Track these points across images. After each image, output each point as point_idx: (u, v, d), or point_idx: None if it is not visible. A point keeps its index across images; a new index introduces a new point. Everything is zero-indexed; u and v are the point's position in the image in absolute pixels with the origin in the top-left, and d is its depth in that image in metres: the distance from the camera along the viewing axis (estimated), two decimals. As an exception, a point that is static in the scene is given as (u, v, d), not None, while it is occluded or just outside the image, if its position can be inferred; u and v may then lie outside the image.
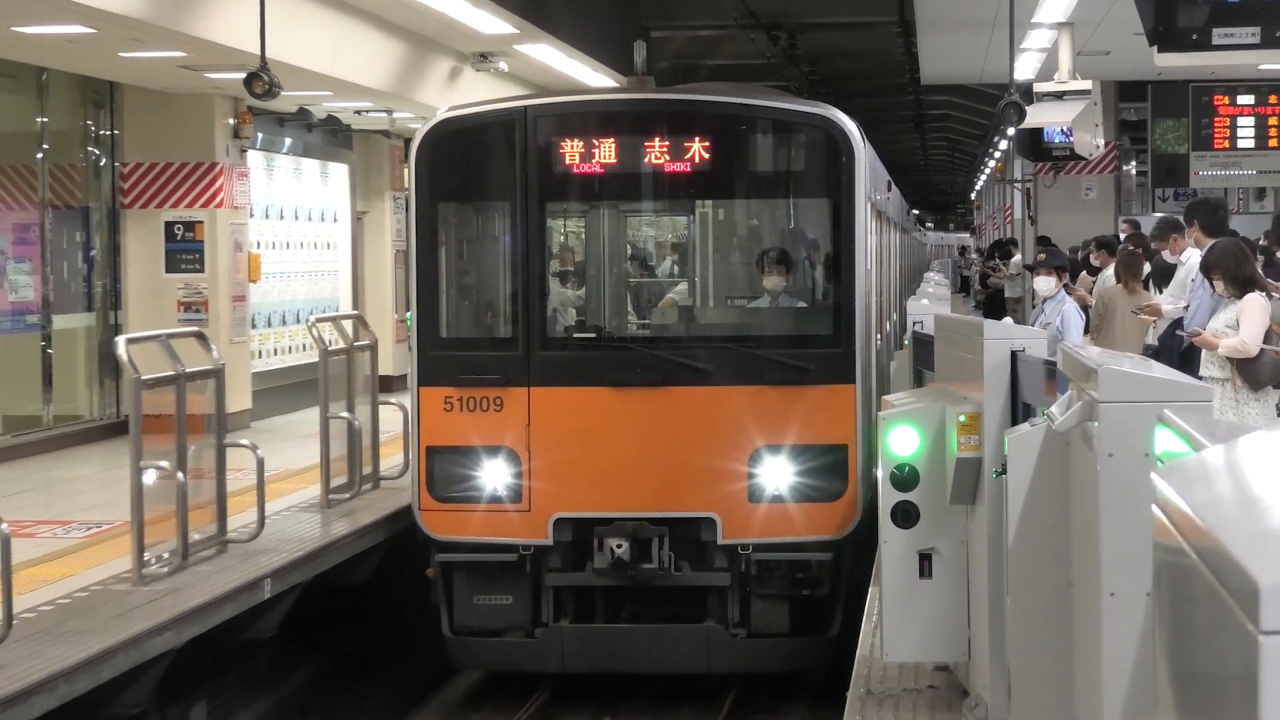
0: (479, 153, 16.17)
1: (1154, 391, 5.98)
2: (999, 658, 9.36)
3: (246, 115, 26.62)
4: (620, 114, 16.45)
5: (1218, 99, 29.35)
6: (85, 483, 20.91)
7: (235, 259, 26.74)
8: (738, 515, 15.26)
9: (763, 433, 15.31)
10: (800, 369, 15.39)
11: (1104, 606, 5.90)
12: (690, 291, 18.02)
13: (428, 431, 15.63)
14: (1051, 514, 7.12)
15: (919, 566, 10.91)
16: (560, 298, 17.05)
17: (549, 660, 15.36)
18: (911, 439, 10.85)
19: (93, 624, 13.22)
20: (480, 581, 15.39)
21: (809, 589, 15.41)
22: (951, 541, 10.80)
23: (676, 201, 17.52)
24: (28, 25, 19.04)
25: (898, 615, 10.95)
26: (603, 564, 14.91)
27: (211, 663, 14.72)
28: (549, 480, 15.32)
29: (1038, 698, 7.17)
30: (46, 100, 25.20)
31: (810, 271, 17.05)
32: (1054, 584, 7.00)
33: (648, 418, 15.40)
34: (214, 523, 15.94)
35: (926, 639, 10.95)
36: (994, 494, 9.65)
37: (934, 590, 10.88)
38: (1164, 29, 11.05)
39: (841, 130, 15.72)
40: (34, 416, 24.79)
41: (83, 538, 16.94)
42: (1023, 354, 10.26)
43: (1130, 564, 5.77)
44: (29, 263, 24.69)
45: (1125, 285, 20.11)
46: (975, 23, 24.89)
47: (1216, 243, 15.64)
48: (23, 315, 24.54)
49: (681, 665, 15.48)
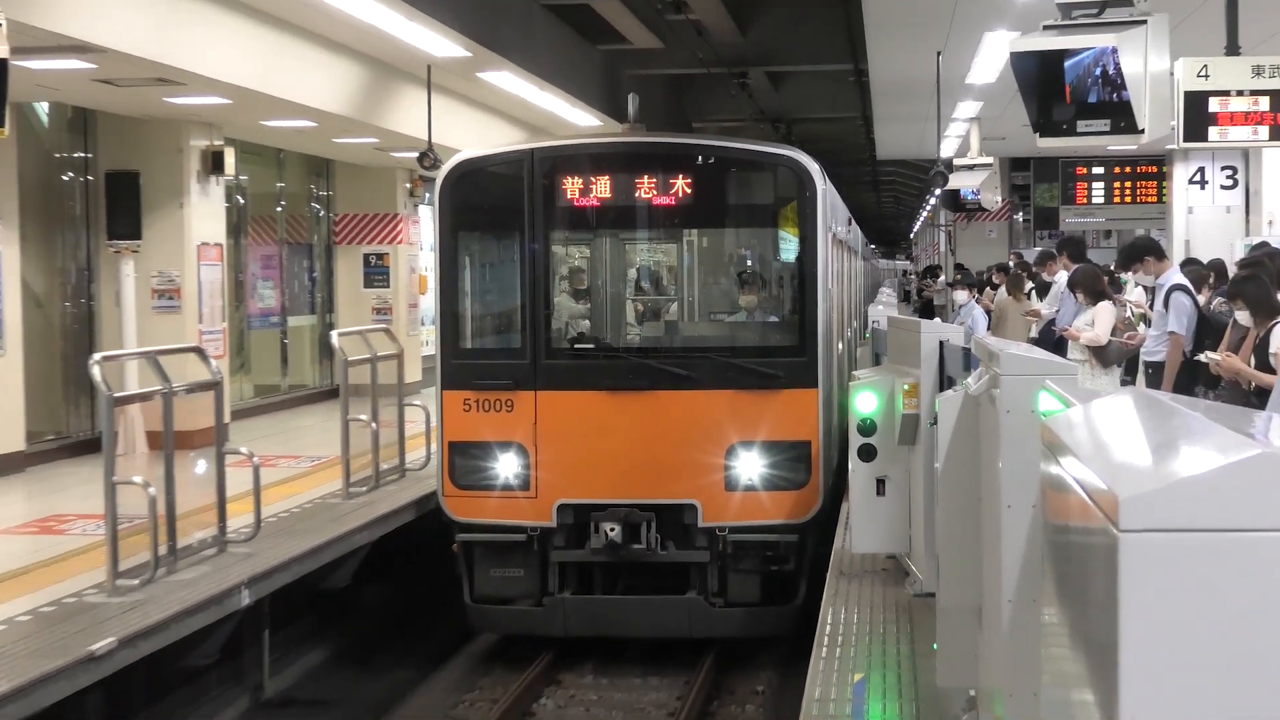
0: (493, 189, 13.93)
1: (1038, 368, 5.96)
2: (931, 549, 9.32)
3: (418, 181, 26.89)
4: (613, 155, 14.05)
5: (1079, 169, 29.29)
6: (309, 430, 20.93)
7: (410, 279, 27.26)
8: (716, 502, 13.16)
9: (737, 430, 13.19)
10: (770, 376, 13.20)
11: (1003, 514, 5.86)
12: (674, 308, 15.82)
13: (449, 429, 13.51)
14: (967, 451, 7.07)
15: (876, 488, 10.86)
16: (571, 311, 14.74)
17: (553, 626, 13.35)
18: (872, 401, 10.81)
19: (314, 525, 13.26)
20: (496, 557, 13.43)
21: (777, 565, 13.34)
22: (899, 471, 10.75)
23: (663, 230, 14.87)
24: (272, 120, 19.10)
25: (861, 521, 10.91)
26: (598, 544, 12.96)
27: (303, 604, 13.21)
28: (553, 471, 13.24)
29: (956, 576, 7.12)
30: (283, 170, 25.44)
31: (779, 291, 14.57)
32: (968, 499, 6.94)
33: (638, 417, 13.25)
34: (396, 458, 15.99)
35: (881, 537, 10.90)
36: (928, 438, 9.60)
37: (886, 504, 10.83)
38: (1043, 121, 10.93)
39: (805, 169, 13.52)
40: (274, 385, 24.96)
41: (308, 467, 16.93)
42: (947, 343, 10.22)
43: (1021, 485, 5.73)
44: (271, 281, 24.95)
45: (1014, 296, 20.03)
46: (914, 118, 24.83)
47: (1079, 267, 15.61)
48: (267, 317, 24.72)
49: (666, 631, 13.44)
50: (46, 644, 9.29)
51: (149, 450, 16.73)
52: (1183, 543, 2.34)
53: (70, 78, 14.89)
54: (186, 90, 16.15)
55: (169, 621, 10.10)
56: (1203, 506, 2.34)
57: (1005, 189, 34.50)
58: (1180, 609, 2.34)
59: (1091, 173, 29.26)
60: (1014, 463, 5.69)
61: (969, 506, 6.82)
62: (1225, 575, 2.33)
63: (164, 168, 19.11)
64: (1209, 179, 22.72)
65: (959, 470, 7.10)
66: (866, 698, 8.30)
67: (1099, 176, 29.25)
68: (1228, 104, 12.30)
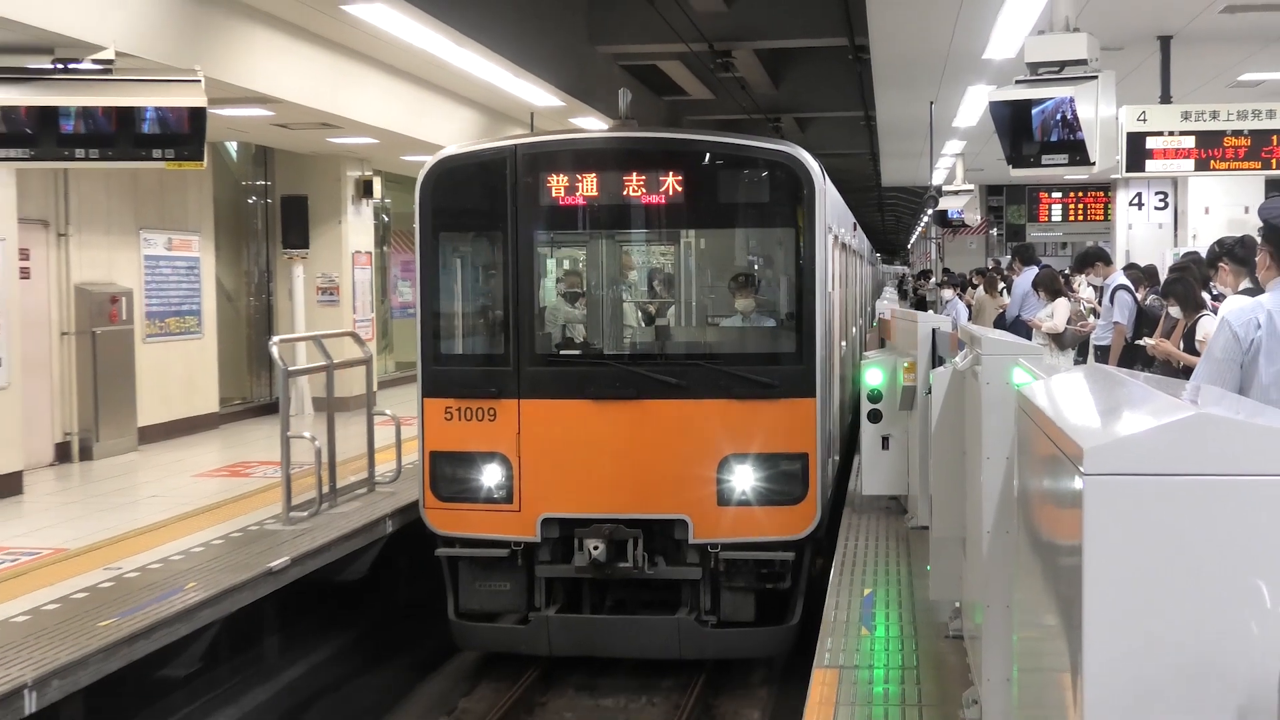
0: (475, 187, 10.54)
1: (1013, 349, 5.91)
2: (925, 490, 9.25)
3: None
4: (600, 151, 10.49)
5: (1041, 194, 29.09)
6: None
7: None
8: (708, 517, 9.89)
9: (730, 442, 9.90)
10: (765, 384, 9.90)
11: (983, 464, 5.81)
12: (664, 312, 11.77)
13: (430, 438, 10.41)
14: (954, 415, 7.01)
15: (881, 443, 10.81)
16: (566, 315, 11.23)
17: (537, 645, 10.17)
18: (879, 375, 10.75)
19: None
20: (481, 572, 10.30)
21: (773, 583, 10.10)
22: (899, 430, 10.69)
23: (653, 231, 11.08)
24: (409, 155, 19.10)
25: (870, 469, 10.86)
26: (582, 562, 9.83)
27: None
28: (537, 483, 10.04)
29: (945, 512, 7.07)
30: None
31: (775, 295, 10.90)
32: (955, 452, 6.89)
33: (626, 428, 9.97)
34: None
35: (885, 481, 10.84)
36: (923, 405, 9.53)
37: (890, 456, 10.77)
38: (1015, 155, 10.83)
39: (803, 165, 10.08)
40: (411, 362, 24.79)
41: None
42: (938, 330, 10.16)
43: (998, 441, 5.68)
44: (408, 281, 24.89)
45: (990, 294, 19.92)
46: (911, 153, 24.65)
47: (1041, 271, 15.54)
48: (406, 309, 24.62)
49: (655, 652, 10.21)
50: (235, 562, 9.37)
51: (314, 412, 16.85)
52: (1134, 484, 2.32)
53: (254, 122, 14.98)
54: (345, 132, 16.23)
55: (330, 545, 10.17)
56: (1150, 455, 2.32)
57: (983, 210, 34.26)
58: (1133, 536, 2.32)
59: (1051, 196, 29.11)
60: (992, 423, 5.65)
61: (955, 458, 6.77)
62: (1167, 509, 2.32)
63: (326, 193, 19.34)
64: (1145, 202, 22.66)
65: (948, 429, 7.05)
66: (874, 608, 8.27)
67: (1058, 200, 29.10)
68: (1161, 142, 12.25)
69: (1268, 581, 2.25)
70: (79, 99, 9.69)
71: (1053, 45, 10.16)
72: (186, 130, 9.83)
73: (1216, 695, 2.26)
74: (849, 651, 7.36)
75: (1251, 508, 2.25)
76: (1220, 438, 2.31)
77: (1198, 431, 2.33)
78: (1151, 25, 12.51)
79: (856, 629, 7.79)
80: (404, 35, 12.99)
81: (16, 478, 12.18)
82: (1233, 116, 12.15)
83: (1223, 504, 2.27)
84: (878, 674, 6.96)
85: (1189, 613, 2.29)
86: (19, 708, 6.70)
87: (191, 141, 9.87)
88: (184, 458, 14.53)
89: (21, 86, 9.69)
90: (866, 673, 6.98)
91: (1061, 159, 10.43)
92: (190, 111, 9.80)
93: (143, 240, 15.59)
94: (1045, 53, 10.21)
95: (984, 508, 5.75)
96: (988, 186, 33.26)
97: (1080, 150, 10.21)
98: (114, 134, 9.75)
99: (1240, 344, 5.33)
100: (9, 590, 8.58)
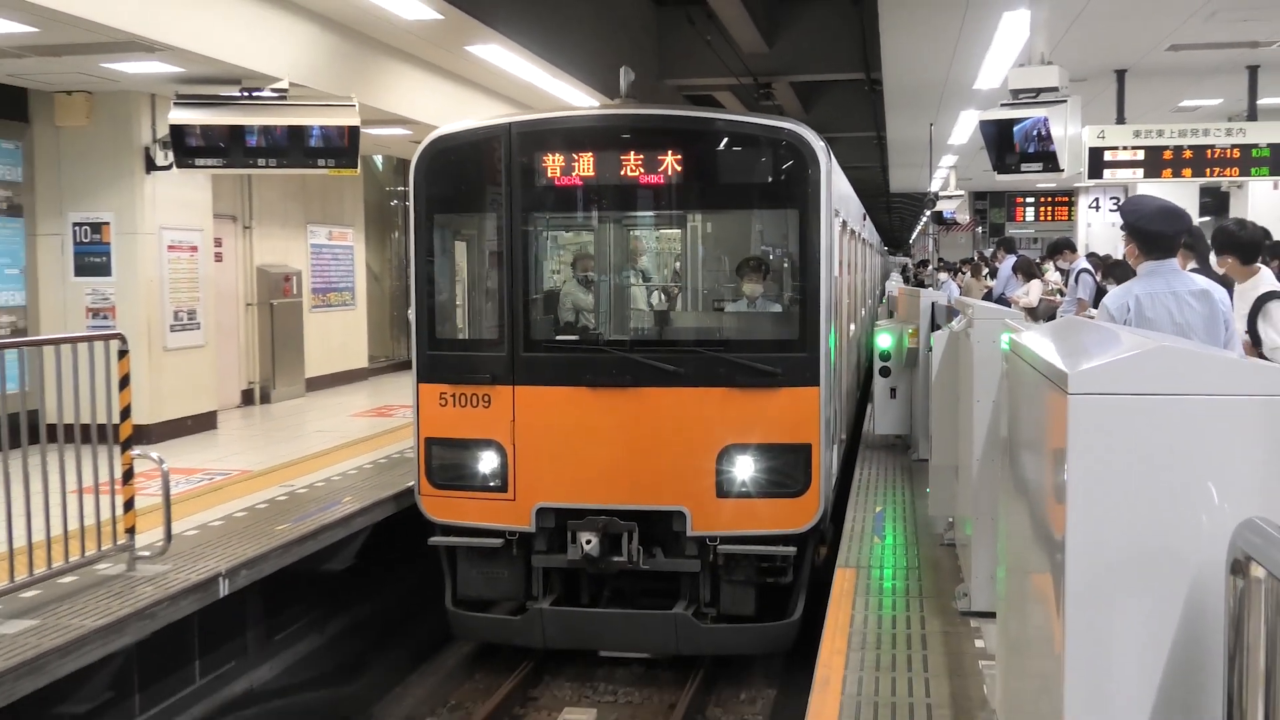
0: (469, 167, 8.21)
1: (999, 315, 5.86)
2: (924, 430, 9.22)
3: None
4: (597, 129, 8.06)
5: (1018, 198, 28.89)
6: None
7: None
8: (707, 509, 7.69)
9: (731, 431, 7.66)
10: (767, 373, 7.61)
11: (974, 407, 5.76)
12: (663, 297, 9.24)
13: (426, 424, 8.12)
14: (950, 370, 6.96)
15: (890, 393, 10.75)
16: (576, 301, 8.63)
17: (531, 637, 7.98)
18: (888, 339, 10.68)
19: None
20: (478, 560, 8.14)
21: (773, 578, 7.78)
22: (904, 384, 10.63)
23: (653, 212, 8.52)
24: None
25: (880, 414, 10.81)
26: (575, 555, 7.76)
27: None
28: (532, 472, 7.89)
29: (941, 446, 7.03)
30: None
31: (778, 280, 8.33)
32: (950, 398, 6.84)
33: (623, 416, 7.77)
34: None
35: (893, 423, 10.79)
36: (925, 362, 9.47)
37: (896, 404, 10.71)
38: (1000, 164, 10.71)
39: (807, 143, 7.68)
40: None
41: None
42: (935, 303, 10.10)
43: (986, 389, 5.64)
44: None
45: (976, 278, 19.71)
46: (914, 165, 24.42)
47: (1018, 258, 15.32)
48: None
49: (651, 648, 8.04)
50: (380, 481, 9.42)
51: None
52: (1110, 401, 2.29)
53: (395, 139, 15.02)
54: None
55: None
56: (1123, 378, 2.29)
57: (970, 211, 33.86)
58: (1108, 443, 2.29)
59: (1026, 201, 28.88)
60: (982, 374, 5.61)
61: (950, 403, 6.73)
62: (1136, 421, 2.29)
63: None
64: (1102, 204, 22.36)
65: (945, 380, 7.01)
66: (884, 521, 8.23)
67: (1030, 203, 28.86)
68: (1116, 155, 12.12)
69: (1216, 482, 2.22)
70: (260, 119, 9.80)
71: (1031, 76, 10.07)
72: (344, 144, 9.94)
73: (1171, 572, 2.23)
74: (864, 554, 7.33)
75: (1204, 421, 2.22)
76: (1179, 364, 2.28)
77: (1161, 359, 2.30)
78: (1110, 60, 12.35)
79: (870, 538, 7.76)
80: (512, 70, 12.99)
81: (212, 416, 12.35)
82: (1175, 135, 12.02)
83: (1181, 417, 2.24)
84: (887, 572, 6.94)
85: (1151, 505, 2.26)
86: (214, 591, 6.80)
87: (348, 153, 9.98)
88: (341, 402, 14.60)
89: (216, 109, 9.82)
90: (878, 571, 6.95)
91: (1037, 167, 10.32)
92: (347, 129, 9.90)
93: (309, 232, 15.70)
94: (1024, 81, 10.11)
95: (974, 441, 5.71)
96: (975, 192, 32.87)
97: (1052, 160, 10.10)
98: (287, 147, 9.86)
99: (1115, 324, 5.34)
100: (207, 502, 8.70)
